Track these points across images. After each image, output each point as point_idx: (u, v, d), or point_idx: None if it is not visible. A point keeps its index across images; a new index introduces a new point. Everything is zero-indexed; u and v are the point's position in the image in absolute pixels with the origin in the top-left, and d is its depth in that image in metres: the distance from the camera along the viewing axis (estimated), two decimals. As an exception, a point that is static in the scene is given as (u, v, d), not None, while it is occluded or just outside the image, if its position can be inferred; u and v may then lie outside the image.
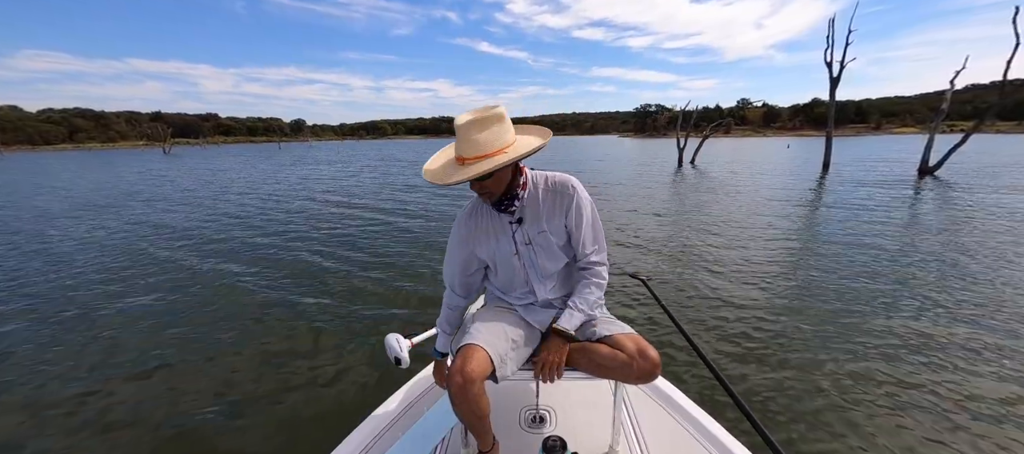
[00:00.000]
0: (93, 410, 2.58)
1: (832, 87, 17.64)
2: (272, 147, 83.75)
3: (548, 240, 1.35)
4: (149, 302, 4.28)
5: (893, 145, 39.86)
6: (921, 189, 11.60)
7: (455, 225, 1.44)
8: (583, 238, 1.35)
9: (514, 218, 1.34)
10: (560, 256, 1.38)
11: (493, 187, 1.26)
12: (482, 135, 1.19)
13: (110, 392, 2.75)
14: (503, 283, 1.45)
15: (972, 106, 68.83)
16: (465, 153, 1.20)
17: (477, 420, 1.22)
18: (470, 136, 1.19)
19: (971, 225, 6.97)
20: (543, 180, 1.36)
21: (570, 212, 1.33)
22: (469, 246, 1.42)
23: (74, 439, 2.35)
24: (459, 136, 1.21)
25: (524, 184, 1.33)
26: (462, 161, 1.22)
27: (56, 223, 8.64)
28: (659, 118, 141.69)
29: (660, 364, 1.22)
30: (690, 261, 5.35)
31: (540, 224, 1.34)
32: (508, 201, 1.31)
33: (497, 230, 1.38)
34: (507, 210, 1.33)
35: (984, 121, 16.19)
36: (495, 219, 1.38)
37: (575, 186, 1.34)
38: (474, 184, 1.25)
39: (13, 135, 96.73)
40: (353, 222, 8.26)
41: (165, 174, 21.23)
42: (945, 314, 3.64)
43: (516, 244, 1.36)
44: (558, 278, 1.41)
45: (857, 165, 19.23)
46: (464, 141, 1.20)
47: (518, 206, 1.33)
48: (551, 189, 1.35)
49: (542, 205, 1.34)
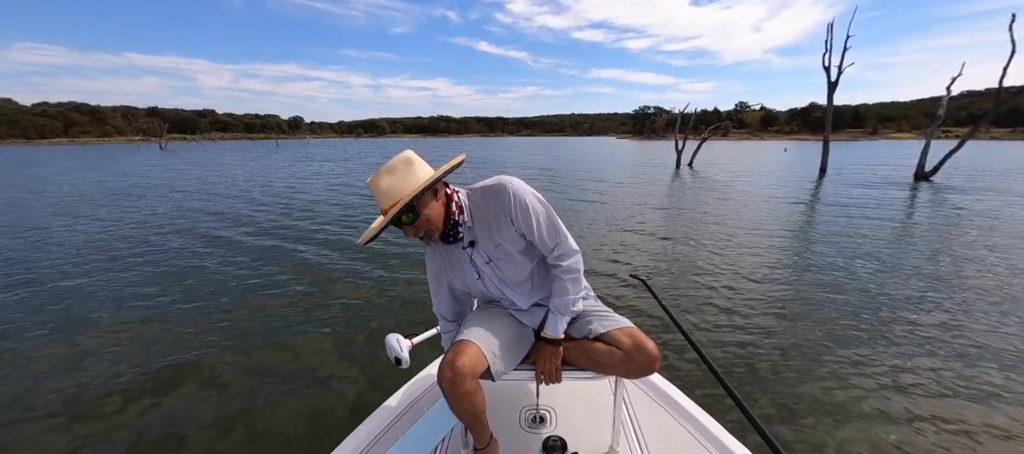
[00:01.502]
0: (90, 409, 2.57)
1: (830, 92, 17.73)
2: (270, 144, 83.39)
3: (505, 251, 1.28)
4: (146, 302, 4.26)
5: (889, 150, 40.12)
6: (917, 193, 11.69)
7: (427, 261, 1.41)
8: (537, 236, 1.25)
9: (465, 244, 1.30)
10: (524, 261, 1.32)
11: (426, 225, 1.19)
12: (391, 180, 1.16)
13: (109, 391, 2.74)
14: (485, 301, 1.46)
15: (967, 112, 69.40)
16: (383, 205, 1.18)
17: (471, 416, 1.21)
18: (379, 188, 1.17)
19: (967, 228, 7.02)
20: (479, 193, 1.27)
21: (513, 214, 1.22)
22: (445, 279, 1.40)
23: (71, 438, 2.33)
24: (374, 194, 1.19)
25: (459, 208, 1.25)
26: (384, 213, 1.18)
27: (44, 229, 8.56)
28: (657, 120, 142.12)
29: (659, 357, 1.21)
30: (689, 261, 5.36)
31: (492, 239, 1.27)
32: (452, 233, 1.25)
33: (455, 261, 1.35)
34: (455, 240, 1.28)
35: (979, 127, 16.34)
36: (449, 252, 1.34)
37: (507, 185, 1.23)
38: (408, 231, 1.19)
39: (8, 129, 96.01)
40: (353, 222, 8.24)
41: (166, 169, 21.11)
42: (944, 314, 3.66)
43: (477, 268, 1.32)
44: (533, 281, 1.36)
45: (854, 169, 19.33)
46: (379, 195, 1.17)
47: (463, 231, 1.27)
48: (488, 199, 1.25)
49: (487, 218, 1.26)
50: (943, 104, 15.52)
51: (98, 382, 2.81)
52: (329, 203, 10.50)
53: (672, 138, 23.93)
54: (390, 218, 1.15)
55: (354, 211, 9.34)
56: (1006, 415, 2.40)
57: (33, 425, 2.42)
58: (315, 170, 20.53)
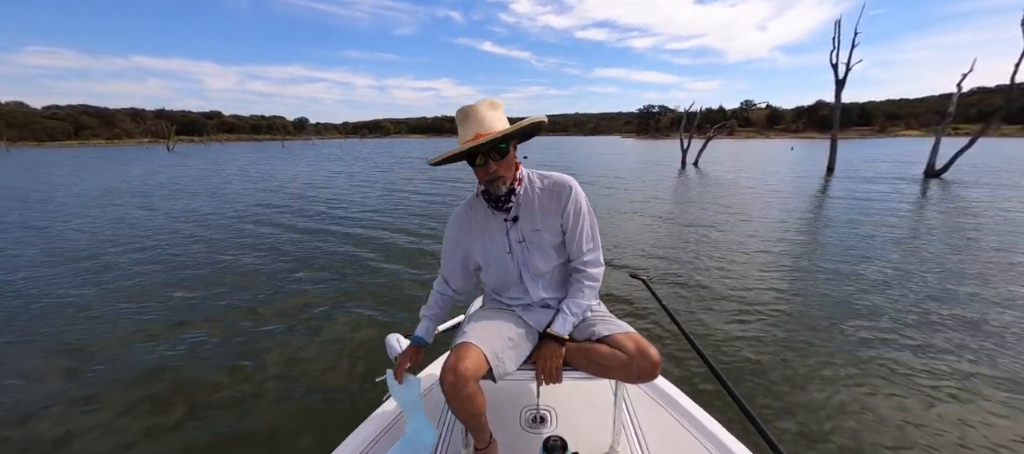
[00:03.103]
0: (86, 411, 2.59)
1: (838, 89, 17.55)
2: (276, 145, 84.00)
3: (542, 239, 1.34)
4: (142, 302, 4.29)
5: (897, 147, 39.65)
6: (928, 191, 11.55)
7: (450, 224, 1.44)
8: (578, 237, 1.35)
9: (509, 216, 1.34)
10: (552, 255, 1.37)
11: (504, 170, 1.26)
12: (492, 114, 1.24)
13: (106, 392, 2.76)
14: (497, 283, 1.45)
15: (977, 109, 68.41)
16: (475, 130, 1.23)
17: (472, 418, 1.21)
18: (478, 114, 1.24)
19: (980, 227, 6.91)
20: (539, 179, 1.36)
21: (566, 211, 1.33)
22: (464, 246, 1.42)
23: (67, 437, 2.36)
24: (469, 116, 1.24)
25: (520, 180, 1.33)
26: (477, 139, 1.23)
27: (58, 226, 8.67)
28: (662, 119, 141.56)
29: (660, 363, 1.22)
30: (691, 261, 5.33)
31: (535, 222, 1.34)
32: (505, 198, 1.31)
33: (491, 228, 1.38)
34: (503, 208, 1.33)
35: (990, 125, 16.09)
36: (489, 217, 1.38)
37: (571, 182, 1.35)
38: (483, 171, 1.26)
39: (19, 131, 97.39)
40: (353, 221, 8.27)
41: (177, 170, 21.31)
42: (950, 317, 3.61)
43: (510, 242, 1.36)
44: (552, 278, 1.40)
45: (862, 167, 19.14)
46: (475, 120, 1.24)
47: (514, 203, 1.33)
48: (548, 188, 1.35)
49: (538, 204, 1.34)
50: (954, 101, 15.32)
51: (94, 382, 2.84)
52: (329, 202, 10.54)
53: (677, 137, 23.83)
54: (481, 144, 1.20)
55: (354, 210, 9.37)
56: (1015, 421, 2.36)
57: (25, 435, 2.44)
58: (317, 168, 20.63)
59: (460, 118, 1.26)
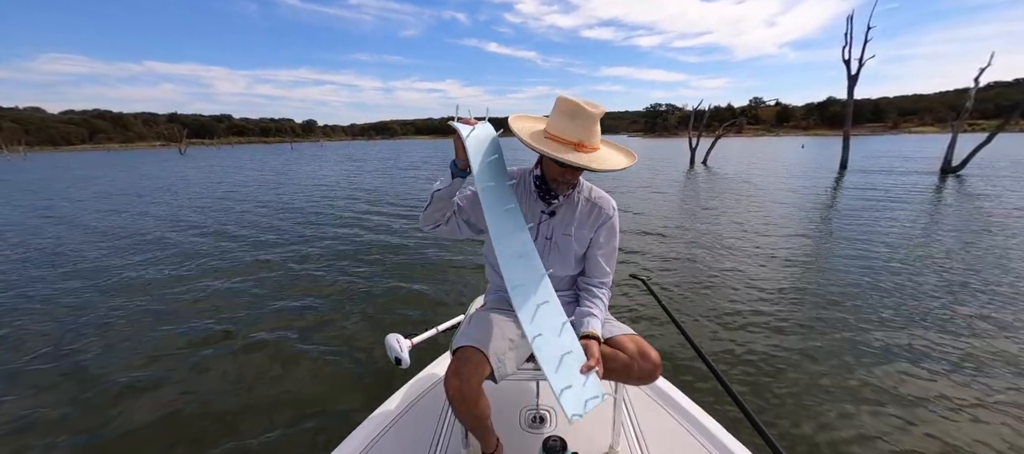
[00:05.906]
0: (85, 409, 2.62)
1: (850, 85, 17.27)
2: (284, 147, 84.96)
3: (570, 244, 1.34)
4: (140, 303, 4.36)
5: (911, 144, 38.95)
6: (944, 188, 11.32)
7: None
8: (602, 253, 1.36)
9: (549, 209, 1.33)
10: (571, 265, 1.36)
11: (575, 179, 1.27)
12: (596, 128, 1.17)
13: (104, 391, 2.79)
14: (496, 278, 1.44)
15: (994, 104, 66.89)
16: (580, 136, 1.15)
17: (477, 423, 1.21)
18: (590, 124, 1.15)
19: (999, 225, 6.75)
20: (586, 189, 1.37)
21: (603, 225, 1.35)
22: None
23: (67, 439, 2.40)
24: (577, 117, 1.15)
25: (575, 184, 1.33)
26: (580, 147, 1.16)
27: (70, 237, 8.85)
28: (669, 117, 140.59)
29: (660, 365, 1.21)
30: (699, 261, 5.27)
31: (569, 226, 1.33)
32: (555, 192, 1.30)
33: (527, 211, 1.33)
34: (548, 199, 1.32)
35: (1010, 119, 15.72)
36: (531, 200, 1.34)
37: (615, 208, 1.38)
38: (565, 174, 1.22)
39: (37, 136, 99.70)
40: (353, 221, 8.29)
41: (187, 174, 21.64)
42: (959, 319, 3.52)
43: (538, 233, 1.34)
44: (559, 285, 1.37)
45: (875, 164, 18.82)
46: (582, 128, 1.15)
47: (558, 201, 1.32)
48: (593, 200, 1.36)
49: (578, 210, 1.34)
50: (971, 96, 15.00)
51: (93, 382, 2.89)
52: (329, 202, 10.58)
53: (685, 136, 23.66)
54: (578, 161, 1.13)
55: (354, 210, 9.42)
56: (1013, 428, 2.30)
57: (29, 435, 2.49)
58: (322, 170, 20.79)
59: (565, 110, 1.16)
